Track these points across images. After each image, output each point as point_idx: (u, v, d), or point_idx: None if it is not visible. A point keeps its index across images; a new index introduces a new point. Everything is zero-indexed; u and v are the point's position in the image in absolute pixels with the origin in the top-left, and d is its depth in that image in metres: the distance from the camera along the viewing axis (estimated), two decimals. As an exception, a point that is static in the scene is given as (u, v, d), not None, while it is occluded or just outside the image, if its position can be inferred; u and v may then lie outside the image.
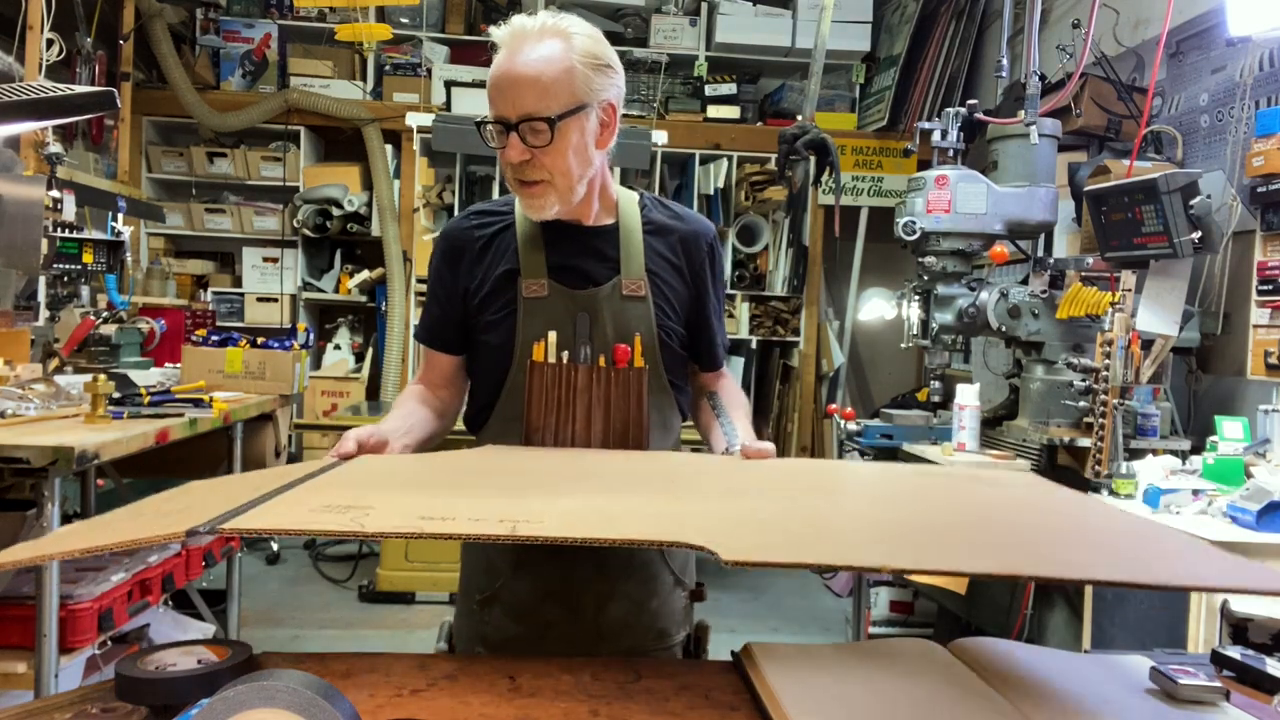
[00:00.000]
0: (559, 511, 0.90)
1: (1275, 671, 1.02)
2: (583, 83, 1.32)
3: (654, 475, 1.17)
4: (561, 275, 1.42)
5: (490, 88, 1.33)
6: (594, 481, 1.11)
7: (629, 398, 1.40)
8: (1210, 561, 0.91)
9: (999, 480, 1.32)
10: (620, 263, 1.43)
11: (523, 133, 1.31)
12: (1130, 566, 0.86)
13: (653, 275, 1.44)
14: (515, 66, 1.30)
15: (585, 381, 1.40)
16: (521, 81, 1.29)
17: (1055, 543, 0.92)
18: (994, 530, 0.96)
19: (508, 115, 1.31)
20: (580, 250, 1.43)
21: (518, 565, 1.41)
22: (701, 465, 1.28)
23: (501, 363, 1.42)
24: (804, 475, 1.25)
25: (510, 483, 1.07)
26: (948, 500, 1.11)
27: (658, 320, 1.43)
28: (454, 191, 5.21)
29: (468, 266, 1.46)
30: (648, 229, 1.47)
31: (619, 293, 1.42)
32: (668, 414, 1.48)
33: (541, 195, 1.35)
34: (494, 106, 1.33)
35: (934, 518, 1.01)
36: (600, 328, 1.41)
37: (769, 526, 0.91)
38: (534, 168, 1.33)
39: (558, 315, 1.41)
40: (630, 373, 1.40)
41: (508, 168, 1.35)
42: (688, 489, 1.08)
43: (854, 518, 0.98)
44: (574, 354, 1.40)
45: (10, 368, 2.75)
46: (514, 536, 0.79)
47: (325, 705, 0.68)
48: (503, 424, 1.44)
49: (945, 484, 1.23)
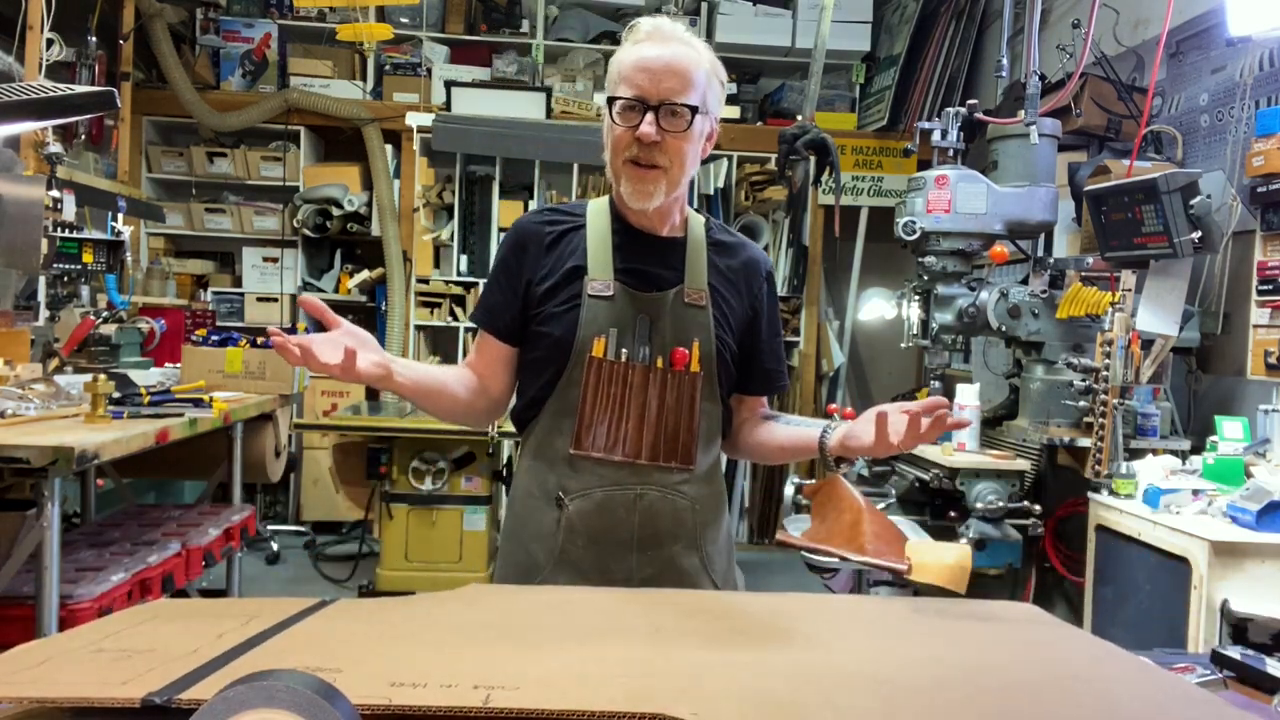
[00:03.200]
0: (536, 676, 0.85)
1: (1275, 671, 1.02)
2: (712, 91, 1.42)
3: (638, 622, 1.11)
4: (627, 277, 1.45)
5: (632, 68, 1.37)
6: (574, 632, 1.06)
7: (682, 402, 1.43)
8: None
9: (993, 614, 1.25)
10: (685, 272, 1.47)
11: (661, 115, 1.36)
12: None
13: (714, 290, 1.48)
14: (669, 53, 1.37)
15: (641, 381, 1.42)
16: (674, 67, 1.36)
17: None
18: (993, 695, 0.90)
19: (649, 95, 1.36)
20: (647, 256, 1.46)
21: (559, 563, 1.44)
22: (690, 605, 1.20)
23: (559, 356, 1.43)
24: (794, 617, 1.15)
25: (486, 637, 1.01)
26: (948, 654, 1.05)
27: (716, 331, 1.46)
28: (454, 191, 5.21)
29: (534, 257, 1.47)
30: (712, 247, 1.51)
31: (681, 299, 1.45)
32: (714, 427, 1.49)
33: (655, 181, 1.39)
34: (631, 86, 1.37)
35: (931, 677, 0.94)
36: (660, 331, 1.43)
37: (756, 691, 0.86)
38: (660, 151, 1.37)
39: (620, 315, 1.43)
40: (686, 376, 1.43)
41: (628, 147, 1.38)
42: (672, 639, 1.02)
43: (848, 677, 0.91)
44: (633, 354, 1.42)
45: (10, 368, 2.75)
46: (487, 709, 0.75)
47: (325, 705, 0.68)
48: (553, 419, 1.45)
49: (940, 626, 1.17)
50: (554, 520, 1.44)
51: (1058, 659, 1.02)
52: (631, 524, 1.43)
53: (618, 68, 1.40)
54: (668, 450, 1.43)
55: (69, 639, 0.96)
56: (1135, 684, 0.95)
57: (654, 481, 1.43)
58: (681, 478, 1.45)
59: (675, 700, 0.80)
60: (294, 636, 0.98)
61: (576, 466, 1.43)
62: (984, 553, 2.79)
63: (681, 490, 1.45)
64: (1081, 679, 0.96)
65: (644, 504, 1.43)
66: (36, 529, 2.16)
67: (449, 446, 3.94)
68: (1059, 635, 1.14)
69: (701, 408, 1.44)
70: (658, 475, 1.43)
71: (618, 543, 1.43)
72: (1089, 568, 2.64)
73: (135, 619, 1.04)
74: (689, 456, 1.44)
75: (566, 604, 1.20)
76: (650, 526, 1.43)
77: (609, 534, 1.42)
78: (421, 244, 5.21)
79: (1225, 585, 2.13)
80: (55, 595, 2.21)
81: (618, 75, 1.40)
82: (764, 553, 5.34)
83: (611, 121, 1.39)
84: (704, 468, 1.48)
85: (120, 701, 0.77)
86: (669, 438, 1.43)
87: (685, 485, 1.45)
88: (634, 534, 1.43)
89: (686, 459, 1.44)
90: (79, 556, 2.67)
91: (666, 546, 1.44)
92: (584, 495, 1.43)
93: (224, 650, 0.90)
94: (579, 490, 1.43)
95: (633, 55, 1.38)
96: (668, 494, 1.44)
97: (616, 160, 1.40)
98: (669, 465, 1.43)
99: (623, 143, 1.38)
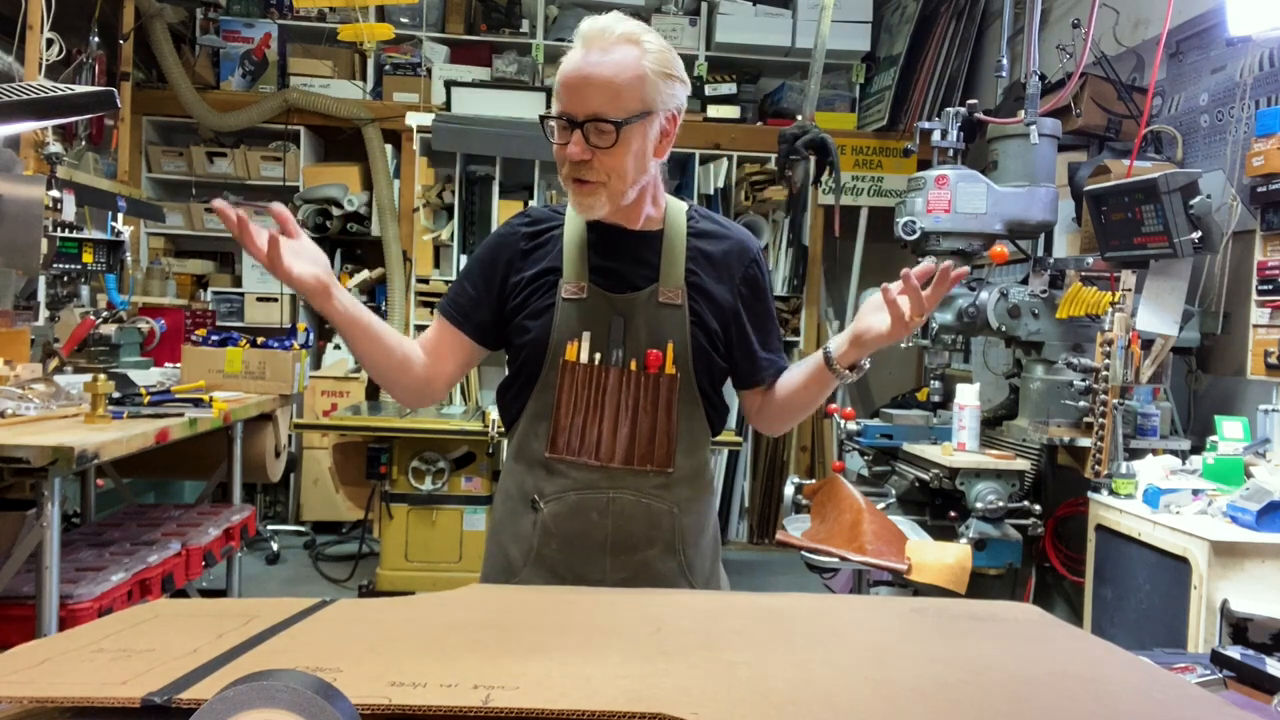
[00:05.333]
0: (536, 676, 0.85)
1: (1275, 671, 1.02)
2: (652, 91, 1.35)
3: (638, 622, 1.11)
4: (601, 278, 1.43)
5: (560, 84, 1.35)
6: (575, 632, 1.05)
7: (658, 404, 1.41)
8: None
9: (993, 614, 1.25)
10: (660, 270, 1.44)
11: (587, 132, 1.33)
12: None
13: (693, 285, 1.45)
14: (590, 66, 1.33)
15: (615, 384, 1.40)
16: (594, 82, 1.32)
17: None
18: (993, 695, 0.89)
19: (575, 113, 1.33)
20: (622, 254, 1.44)
21: (535, 564, 1.44)
22: (689, 605, 1.19)
23: (535, 359, 1.43)
24: (794, 617, 1.15)
25: (487, 637, 1.00)
26: (948, 653, 1.04)
27: (692, 329, 1.43)
28: (454, 191, 5.21)
29: (512, 260, 1.47)
30: (692, 238, 1.47)
31: (655, 299, 1.42)
32: (696, 427, 1.46)
33: (593, 194, 1.37)
34: (561, 102, 1.35)
35: (931, 677, 0.93)
36: (635, 333, 1.41)
37: (756, 692, 0.85)
38: (592, 168, 1.35)
39: (594, 317, 1.41)
40: (661, 379, 1.40)
41: (565, 164, 1.37)
42: (672, 638, 1.01)
43: (848, 677, 0.91)
44: (606, 357, 1.41)
45: (10, 368, 2.75)
46: (487, 708, 0.75)
47: (325, 705, 0.68)
48: (530, 422, 1.45)
49: (940, 626, 1.16)
50: (530, 522, 1.44)
51: (1058, 659, 1.02)
52: (605, 527, 1.42)
53: (556, 79, 1.37)
54: (642, 454, 1.41)
55: (69, 639, 0.96)
56: (1135, 684, 0.95)
57: (627, 485, 1.42)
58: (659, 481, 1.43)
59: (676, 700, 0.80)
60: (294, 636, 0.98)
61: (552, 469, 1.43)
62: (984, 553, 2.79)
63: (658, 494, 1.43)
64: (1081, 679, 0.96)
65: (616, 508, 1.42)
66: (36, 529, 2.17)
67: (449, 446, 3.94)
68: (1059, 635, 1.14)
69: (680, 410, 1.42)
70: (632, 479, 1.42)
71: (591, 545, 1.42)
72: (1089, 568, 2.64)
73: (135, 618, 1.04)
74: (666, 460, 1.42)
75: (567, 603, 1.20)
76: (623, 530, 1.42)
77: (582, 537, 1.42)
78: (421, 244, 5.21)
79: (1225, 585, 2.12)
80: (55, 595, 2.21)
81: (555, 87, 1.37)
82: (764, 553, 5.34)
83: (546, 138, 1.38)
84: (686, 470, 1.46)
85: (120, 701, 0.76)
86: (644, 441, 1.41)
87: (663, 489, 1.43)
88: (607, 537, 1.42)
89: (663, 462, 1.42)
90: (79, 556, 2.67)
91: (641, 550, 1.43)
92: (558, 498, 1.43)
93: (224, 650, 0.90)
94: (554, 493, 1.43)
95: (565, 68, 1.35)
96: (642, 498, 1.43)
97: (562, 173, 1.39)
98: (644, 469, 1.42)
99: (560, 158, 1.37)
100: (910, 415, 3.33)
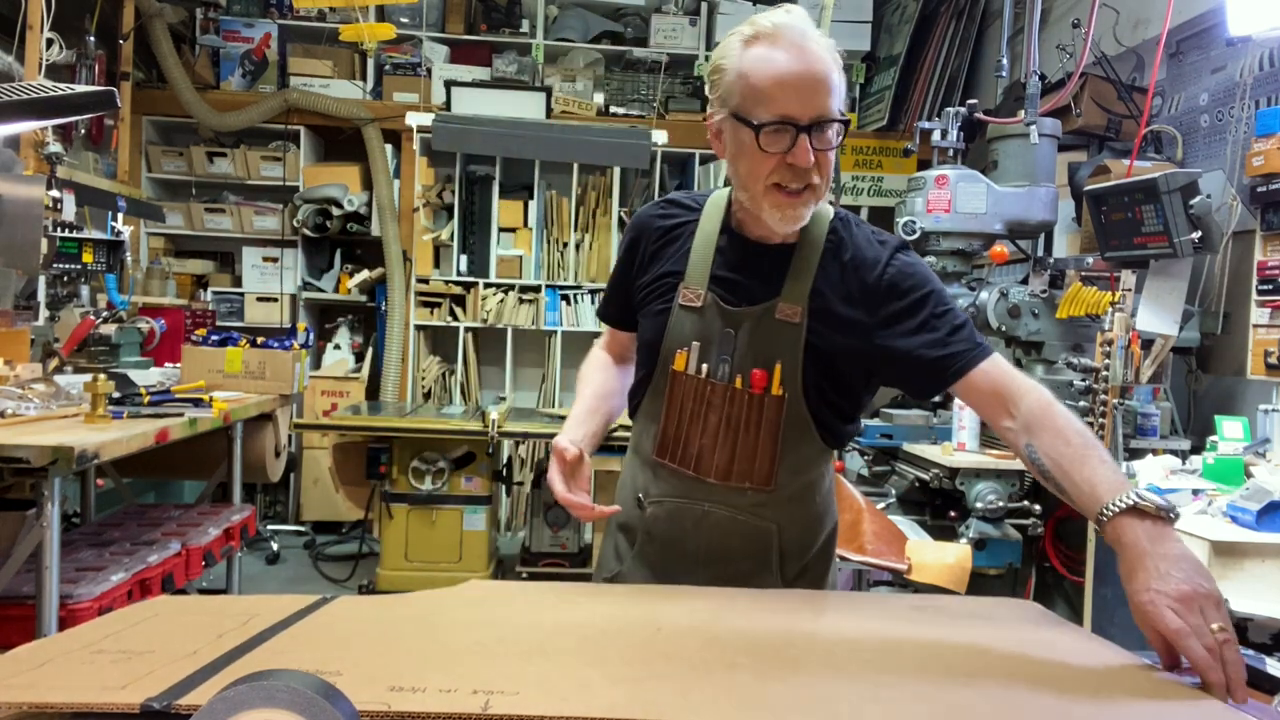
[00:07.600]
0: (535, 680, 0.85)
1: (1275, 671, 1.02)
2: (843, 89, 1.26)
3: (638, 622, 1.08)
4: (720, 287, 1.36)
5: (773, 84, 1.21)
6: (575, 632, 1.05)
7: (759, 425, 1.33)
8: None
9: (994, 612, 1.24)
10: (785, 284, 1.34)
11: (812, 135, 1.22)
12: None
13: (816, 303, 1.33)
14: (810, 63, 1.21)
15: (719, 399, 1.35)
16: (819, 79, 1.21)
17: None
18: (994, 693, 0.90)
19: (798, 115, 1.21)
20: (748, 264, 1.37)
21: (637, 559, 1.45)
22: (688, 604, 1.19)
23: (649, 360, 1.42)
24: (795, 617, 1.14)
25: (486, 637, 1.00)
26: (948, 652, 1.01)
27: (807, 350, 1.32)
28: (454, 191, 5.21)
29: (642, 256, 1.46)
30: (827, 253, 1.35)
31: (772, 315, 1.33)
32: (805, 448, 1.37)
33: (807, 203, 1.27)
34: (776, 106, 1.22)
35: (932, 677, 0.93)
36: (743, 348, 1.34)
37: (756, 693, 0.85)
38: (813, 171, 1.25)
39: (706, 328, 1.36)
40: (767, 399, 1.33)
41: (774, 172, 1.25)
42: (672, 639, 1.00)
43: (848, 676, 0.90)
44: (714, 369, 1.36)
45: (10, 367, 2.75)
46: (486, 715, 0.75)
47: (325, 705, 0.68)
48: (643, 421, 1.45)
49: (941, 624, 1.13)
50: (638, 517, 1.45)
51: (1058, 657, 1.02)
52: (698, 539, 1.39)
53: (749, 81, 1.23)
54: (740, 471, 1.35)
55: (69, 639, 0.96)
56: (1135, 683, 0.95)
57: (722, 500, 1.37)
58: (759, 499, 1.36)
59: (676, 703, 0.79)
60: (294, 637, 0.98)
61: (657, 472, 1.42)
62: (984, 553, 2.79)
63: (757, 511, 1.37)
64: (1081, 677, 0.96)
65: (710, 522, 1.38)
66: (36, 529, 2.17)
67: (449, 446, 3.94)
68: (1059, 633, 1.14)
69: (786, 432, 1.33)
70: (728, 495, 1.37)
71: (684, 554, 1.40)
72: (1089, 568, 2.64)
73: (135, 617, 1.04)
74: (766, 479, 1.35)
75: (566, 602, 1.20)
76: (717, 544, 1.38)
77: (677, 544, 1.40)
78: (421, 244, 5.21)
79: (1225, 585, 2.12)
80: (55, 595, 2.21)
81: (751, 91, 1.23)
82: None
83: (758, 148, 1.23)
84: (792, 489, 1.38)
85: (120, 707, 0.76)
86: (744, 459, 1.35)
87: (762, 507, 1.37)
88: (700, 549, 1.39)
89: (764, 480, 1.35)
90: (79, 556, 2.67)
91: (735, 563, 1.38)
92: (659, 502, 1.42)
93: (224, 651, 0.90)
94: (657, 495, 1.42)
95: (767, 69, 1.22)
96: (738, 515, 1.37)
97: (757, 185, 1.26)
98: (741, 486, 1.36)
99: (767, 167, 1.24)
100: (910, 415, 3.33)
